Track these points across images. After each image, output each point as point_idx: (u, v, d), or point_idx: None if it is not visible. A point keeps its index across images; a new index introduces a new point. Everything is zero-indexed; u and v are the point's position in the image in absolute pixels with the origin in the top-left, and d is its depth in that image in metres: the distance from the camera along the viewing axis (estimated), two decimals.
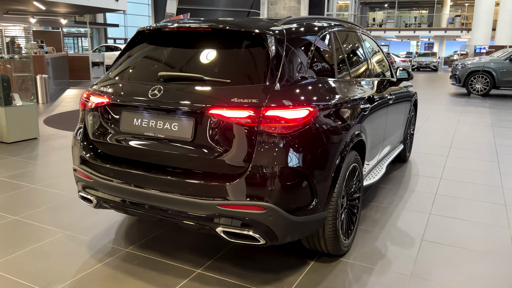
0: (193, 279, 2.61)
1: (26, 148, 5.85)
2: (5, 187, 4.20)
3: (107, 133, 2.72)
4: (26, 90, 7.62)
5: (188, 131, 2.40)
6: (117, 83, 2.77)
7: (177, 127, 2.44)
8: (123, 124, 2.63)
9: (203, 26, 2.68)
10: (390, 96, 4.01)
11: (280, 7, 32.06)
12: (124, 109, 2.63)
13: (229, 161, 2.34)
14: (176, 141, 2.45)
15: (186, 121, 2.42)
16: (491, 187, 4.49)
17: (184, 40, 2.77)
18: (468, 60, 14.53)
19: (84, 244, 3.03)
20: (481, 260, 2.94)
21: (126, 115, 2.62)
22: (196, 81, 2.50)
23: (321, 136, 2.48)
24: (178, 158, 2.47)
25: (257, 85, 2.38)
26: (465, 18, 35.01)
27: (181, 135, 2.42)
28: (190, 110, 2.40)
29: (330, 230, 2.67)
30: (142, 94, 2.55)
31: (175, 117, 2.45)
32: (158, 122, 2.50)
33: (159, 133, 2.49)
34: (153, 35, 2.91)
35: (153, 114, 2.52)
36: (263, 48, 2.50)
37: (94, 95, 2.78)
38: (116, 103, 2.66)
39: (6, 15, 23.33)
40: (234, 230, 2.35)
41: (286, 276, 2.66)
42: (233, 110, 2.30)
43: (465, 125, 8.21)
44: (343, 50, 3.30)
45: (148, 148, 2.56)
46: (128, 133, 2.62)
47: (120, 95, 2.66)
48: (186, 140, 2.42)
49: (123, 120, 2.63)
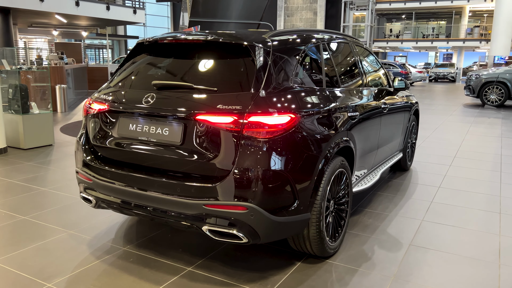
0: (183, 276, 2.76)
1: (41, 154, 6.14)
2: (18, 190, 4.45)
3: (106, 137, 2.92)
4: (43, 99, 7.98)
5: (178, 135, 2.58)
6: (115, 91, 2.97)
7: (168, 132, 2.62)
8: (119, 129, 2.83)
9: (196, 39, 2.88)
10: (385, 105, 4.12)
11: (296, 18, 32.37)
12: (121, 115, 2.83)
13: (215, 164, 2.49)
14: (167, 145, 2.63)
15: (176, 126, 2.59)
16: (489, 196, 4.52)
17: (179, 51, 2.97)
18: (483, 71, 14.43)
19: (85, 243, 3.22)
20: (464, 264, 3.00)
21: (123, 120, 2.81)
22: (186, 89, 2.68)
23: (302, 142, 2.62)
24: (168, 161, 2.65)
25: (243, 92, 2.55)
26: (484, 29, 34.63)
27: (171, 139, 2.60)
28: (179, 116, 2.57)
29: (314, 232, 2.78)
30: (137, 101, 2.75)
31: (166, 123, 2.64)
32: (151, 127, 2.69)
33: (152, 137, 2.68)
34: (151, 46, 3.11)
35: (146, 120, 2.71)
36: (250, 59, 2.66)
37: (95, 102, 3.00)
38: (113, 109, 2.86)
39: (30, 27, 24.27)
40: (218, 228, 2.49)
41: (271, 275, 2.78)
42: (218, 116, 2.46)
43: (474, 136, 8.19)
44: (332, 60, 3.44)
45: (142, 152, 2.74)
46: (124, 137, 2.81)
47: (117, 102, 2.86)
48: (175, 144, 2.59)
49: (119, 125, 2.83)
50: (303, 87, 2.89)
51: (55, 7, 18.53)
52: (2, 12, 17.58)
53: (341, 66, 3.70)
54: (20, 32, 26.42)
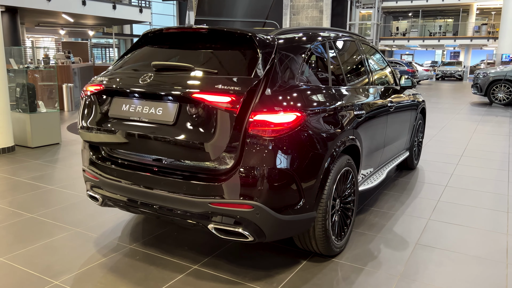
0: (188, 274, 2.77)
1: (48, 152, 6.18)
2: (26, 188, 4.49)
3: (98, 118, 2.85)
4: (51, 98, 8.03)
5: (171, 115, 2.52)
6: (113, 74, 2.93)
7: (161, 111, 2.56)
8: (112, 109, 2.78)
9: (201, 31, 2.89)
10: (391, 103, 4.10)
11: (302, 17, 32.26)
12: (115, 96, 2.78)
13: (208, 147, 2.41)
14: (159, 124, 2.56)
15: (170, 105, 2.54)
16: (496, 195, 4.49)
17: (184, 43, 2.98)
18: (491, 69, 14.31)
19: (92, 240, 3.24)
20: (470, 264, 2.98)
21: (116, 101, 2.77)
22: (186, 70, 2.66)
23: (308, 140, 2.61)
24: (159, 143, 2.58)
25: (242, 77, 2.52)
26: (491, 27, 34.34)
27: (164, 118, 2.53)
28: (175, 95, 2.51)
29: (320, 231, 2.78)
30: (133, 81, 2.71)
31: (160, 102, 2.58)
32: (144, 107, 2.63)
33: (144, 117, 2.61)
34: (156, 37, 3.11)
35: (141, 100, 2.66)
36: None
37: (91, 85, 2.93)
38: (108, 89, 2.81)
39: (38, 27, 24.42)
40: (224, 227, 2.50)
41: (277, 274, 2.78)
42: (216, 96, 2.40)
43: (481, 134, 8.13)
44: (338, 58, 3.43)
45: (133, 132, 2.66)
46: (115, 117, 2.75)
47: (113, 83, 2.81)
48: (168, 124, 2.52)
49: (112, 105, 2.78)
50: (309, 85, 2.88)
51: (62, 7, 18.65)
52: (10, 11, 17.72)
53: (347, 64, 3.69)
54: (28, 31, 26.60)
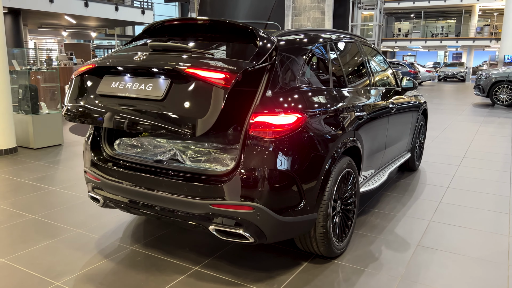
0: (189, 275, 2.77)
1: (50, 153, 6.20)
2: (28, 189, 4.50)
3: (84, 96, 2.78)
4: (53, 99, 8.06)
5: (161, 90, 2.45)
6: (108, 57, 2.87)
7: (151, 87, 2.51)
8: (100, 86, 2.71)
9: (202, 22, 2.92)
10: (393, 105, 4.10)
11: (304, 18, 32.29)
12: (106, 74, 2.73)
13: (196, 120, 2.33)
14: (146, 100, 2.49)
15: (161, 80, 2.49)
16: (498, 196, 4.48)
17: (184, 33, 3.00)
18: (493, 70, 14.28)
19: (93, 242, 3.25)
20: (472, 265, 2.98)
21: (106, 79, 2.71)
22: (182, 51, 2.63)
23: (309, 142, 2.61)
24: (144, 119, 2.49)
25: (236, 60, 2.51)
26: (494, 28, 34.27)
27: (153, 93, 2.47)
28: (167, 70, 2.47)
29: (321, 232, 2.78)
30: (126, 60, 2.68)
31: (151, 78, 2.53)
32: (134, 84, 2.58)
33: (133, 93, 2.55)
34: (159, 29, 3.11)
35: (131, 77, 2.61)
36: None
37: (83, 66, 2.88)
38: (99, 67, 2.76)
39: (40, 28, 24.50)
40: (225, 228, 2.50)
41: (278, 275, 2.78)
42: (209, 72, 2.34)
43: (483, 136, 8.11)
44: (339, 60, 3.43)
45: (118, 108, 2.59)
46: (103, 94, 2.68)
47: (105, 62, 2.76)
48: (156, 99, 2.45)
49: (102, 83, 2.72)
50: (310, 87, 2.89)
51: (65, 8, 18.72)
52: (13, 13, 17.79)
53: (348, 66, 3.69)
54: (30, 33, 26.70)
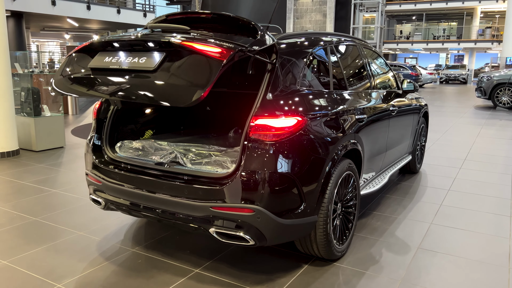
0: (190, 278, 2.78)
1: (52, 156, 6.22)
2: (30, 191, 4.52)
3: (76, 70, 2.75)
4: (55, 102, 8.09)
5: (154, 61, 2.42)
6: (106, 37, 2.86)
7: (144, 60, 2.48)
8: (93, 61, 2.68)
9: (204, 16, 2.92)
10: (393, 107, 4.10)
11: (305, 20, 32.36)
12: (101, 50, 2.70)
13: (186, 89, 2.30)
14: (138, 71, 2.45)
15: (156, 54, 2.46)
16: (499, 199, 4.47)
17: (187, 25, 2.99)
18: (495, 72, 14.27)
19: (94, 244, 3.26)
20: (472, 268, 2.98)
21: (100, 54, 2.68)
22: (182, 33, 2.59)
23: (309, 144, 2.62)
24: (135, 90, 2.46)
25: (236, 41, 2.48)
26: (496, 30, 34.24)
27: (145, 65, 2.43)
28: (162, 43, 2.45)
29: (321, 235, 2.78)
30: (123, 37, 2.66)
31: (146, 52, 2.50)
32: (128, 57, 2.55)
33: (125, 65, 2.52)
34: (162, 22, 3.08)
35: (126, 52, 2.59)
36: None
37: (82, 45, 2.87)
38: (94, 44, 2.74)
39: (43, 31, 24.60)
40: (225, 231, 2.51)
41: (278, 278, 2.79)
42: (205, 46, 2.33)
43: (485, 138, 8.10)
44: (340, 63, 3.44)
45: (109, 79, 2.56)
46: (95, 68, 2.65)
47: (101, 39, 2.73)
48: (148, 70, 2.41)
49: (95, 58, 2.68)
50: (310, 89, 2.90)
51: (67, 11, 18.79)
52: (15, 16, 17.87)
53: (349, 69, 3.70)
54: (33, 35, 26.81)
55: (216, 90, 3.91)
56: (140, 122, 3.56)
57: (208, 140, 3.58)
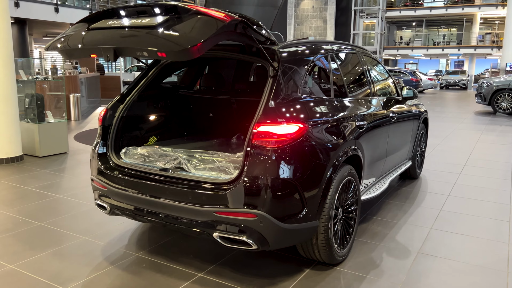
0: (194, 282, 2.82)
1: (56, 161, 6.28)
2: (34, 197, 4.58)
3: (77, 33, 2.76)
4: (58, 108, 8.16)
5: (156, 20, 2.43)
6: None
7: (147, 20, 2.47)
8: (95, 24, 2.68)
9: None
10: (393, 114, 4.16)
11: (306, 27, 32.54)
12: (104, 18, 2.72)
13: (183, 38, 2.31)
14: (140, 27, 2.45)
15: (160, 15, 2.47)
16: (498, 204, 4.52)
17: None
18: (495, 78, 14.35)
19: (99, 248, 3.31)
20: (472, 273, 3.02)
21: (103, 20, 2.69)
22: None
23: (311, 151, 2.68)
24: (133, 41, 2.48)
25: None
26: (495, 36, 34.38)
27: (147, 23, 2.44)
28: (167, 5, 2.47)
29: (323, 239, 2.83)
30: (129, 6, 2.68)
31: (150, 15, 2.52)
32: (131, 19, 2.56)
33: (126, 24, 2.53)
34: None
35: (129, 17, 2.61)
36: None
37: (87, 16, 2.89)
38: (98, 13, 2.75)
39: (45, 37, 24.77)
40: (229, 235, 2.56)
41: (280, 282, 2.84)
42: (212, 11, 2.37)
43: (485, 144, 8.16)
44: (340, 70, 3.51)
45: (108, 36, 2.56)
46: (95, 28, 2.66)
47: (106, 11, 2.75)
48: (149, 26, 2.42)
49: (98, 23, 2.69)
50: (311, 97, 2.96)
51: (70, 18, 18.93)
52: (19, 23, 18.00)
53: (349, 76, 3.76)
54: (36, 42, 26.96)
55: (219, 97, 3.98)
56: (144, 129, 3.62)
57: (211, 146, 3.65)
